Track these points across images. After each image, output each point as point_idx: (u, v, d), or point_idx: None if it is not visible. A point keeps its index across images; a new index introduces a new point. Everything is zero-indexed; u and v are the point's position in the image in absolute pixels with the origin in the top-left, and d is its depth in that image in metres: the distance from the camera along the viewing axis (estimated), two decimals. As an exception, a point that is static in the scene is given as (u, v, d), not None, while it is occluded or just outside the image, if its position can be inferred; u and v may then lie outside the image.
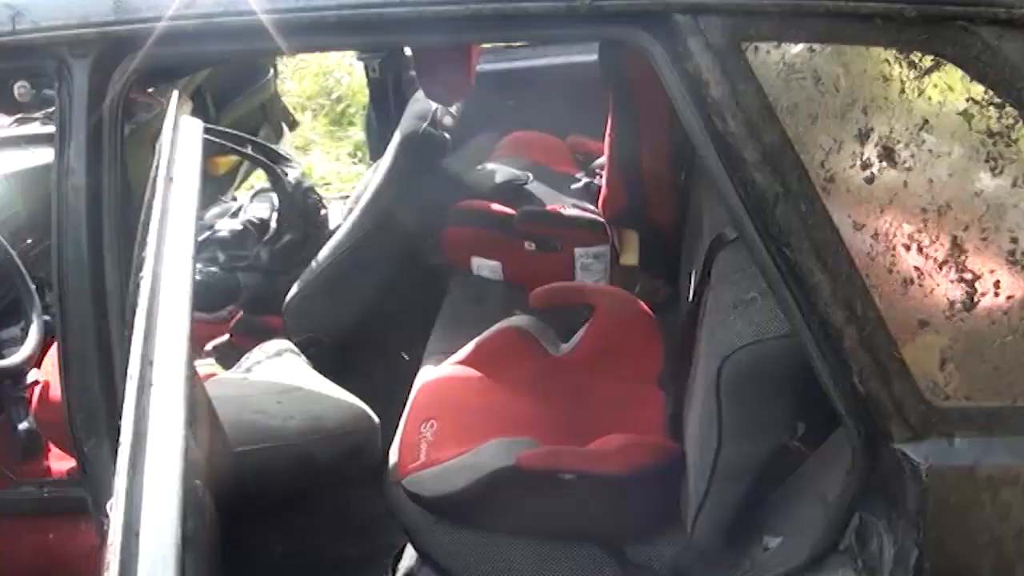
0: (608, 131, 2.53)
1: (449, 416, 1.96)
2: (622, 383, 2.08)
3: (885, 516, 1.26)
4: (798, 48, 1.20)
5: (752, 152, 1.18)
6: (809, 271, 1.20)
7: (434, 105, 2.62)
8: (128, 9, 1.27)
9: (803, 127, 1.20)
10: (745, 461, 1.48)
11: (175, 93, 1.07)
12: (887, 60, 1.20)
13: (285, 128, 3.97)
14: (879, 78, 1.20)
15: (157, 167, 0.99)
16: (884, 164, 1.20)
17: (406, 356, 2.63)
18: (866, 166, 1.20)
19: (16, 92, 2.64)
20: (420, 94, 2.66)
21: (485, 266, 2.70)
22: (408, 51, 3.13)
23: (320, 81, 5.56)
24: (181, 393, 0.62)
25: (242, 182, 3.78)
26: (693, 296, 1.86)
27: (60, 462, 2.22)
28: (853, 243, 1.20)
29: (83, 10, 1.30)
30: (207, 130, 2.48)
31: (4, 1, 1.32)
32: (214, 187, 3.25)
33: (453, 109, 2.76)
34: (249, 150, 2.92)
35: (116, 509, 0.55)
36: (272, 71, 3.91)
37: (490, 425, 1.91)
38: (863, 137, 1.20)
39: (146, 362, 0.64)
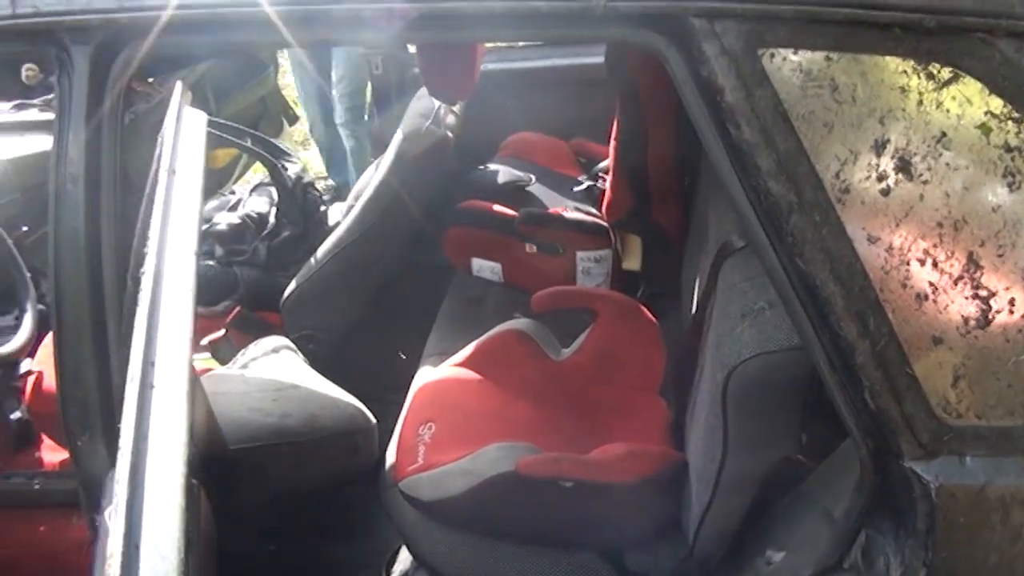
0: (613, 134, 2.51)
1: (447, 419, 1.94)
2: (623, 390, 2.06)
3: (892, 534, 1.24)
4: (815, 56, 1.18)
5: (767, 160, 1.16)
6: (822, 283, 1.17)
7: (437, 103, 2.60)
8: None
9: (819, 136, 1.17)
10: (750, 473, 1.46)
11: (179, 84, 1.04)
12: (905, 71, 1.18)
13: (284, 123, 3.95)
14: (896, 89, 1.18)
15: (159, 159, 0.96)
16: (900, 176, 1.18)
17: (403, 355, 2.61)
18: (882, 178, 1.18)
19: (24, 74, 2.62)
20: (423, 92, 2.64)
21: (485, 267, 2.67)
22: (412, 48, 3.12)
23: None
24: (184, 396, 0.60)
25: (240, 176, 3.75)
26: (697, 304, 1.84)
27: (52, 454, 2.20)
28: (867, 256, 1.18)
29: None
30: (208, 122, 2.49)
31: (4, -15, 1.29)
32: (213, 180, 3.23)
33: (456, 108, 2.73)
34: (249, 143, 2.90)
35: (116, 518, 0.53)
36: (273, 65, 3.89)
37: (489, 429, 1.89)
38: (879, 148, 1.18)
39: (148, 363, 0.62)
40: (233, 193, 2.92)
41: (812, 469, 1.50)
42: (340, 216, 2.83)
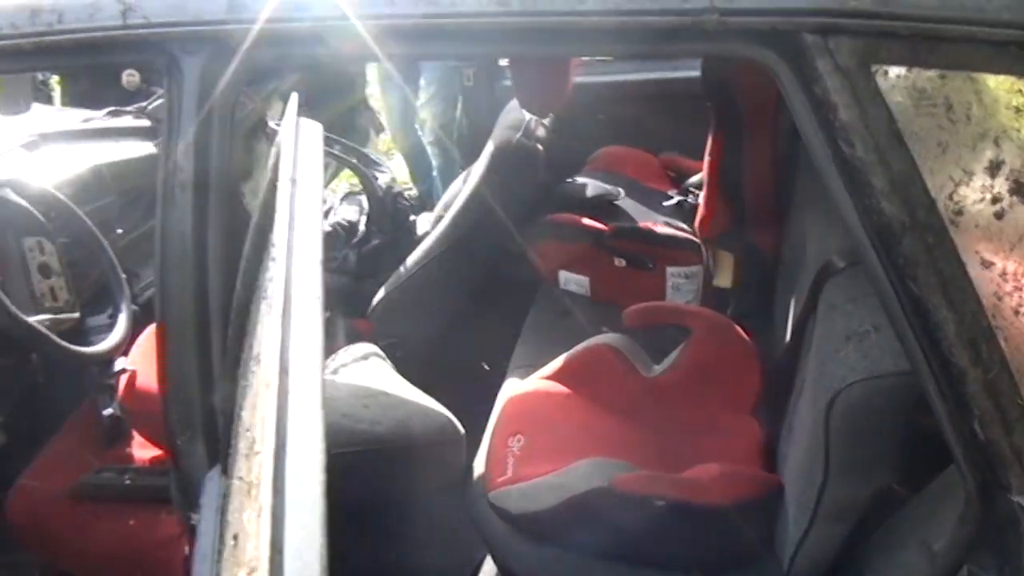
0: (708, 149, 2.48)
1: (537, 432, 1.93)
2: (716, 409, 2.03)
3: (996, 570, 1.20)
4: (929, 73, 1.15)
5: (880, 179, 1.13)
6: (934, 307, 1.14)
7: (528, 116, 2.61)
8: (242, 8, 1.27)
9: (932, 156, 1.14)
10: (851, 500, 1.43)
11: (294, 95, 1.06)
12: (1020, 90, 1.14)
13: (371, 133, 4.00)
14: (1012, 109, 1.15)
15: (278, 168, 0.98)
16: (1015, 199, 1.14)
17: (487, 366, 2.62)
18: (996, 200, 1.14)
19: (124, 79, 2.70)
20: (513, 104, 2.66)
21: (573, 280, 2.67)
22: (504, 60, 3.13)
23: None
24: (319, 404, 0.61)
25: (326, 184, 3.82)
26: (794, 324, 1.81)
27: (143, 450, 2.26)
28: (980, 281, 1.14)
29: (196, 7, 1.30)
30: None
31: (117, -5, 1.33)
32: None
33: (546, 121, 2.74)
34: (339, 152, 2.95)
35: (259, 524, 0.54)
36: (362, 76, 3.96)
37: (580, 444, 1.88)
38: (994, 170, 1.15)
39: (283, 371, 0.63)
40: (324, 201, 2.97)
41: (909, 498, 1.46)
42: (429, 226, 2.86)
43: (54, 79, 4.28)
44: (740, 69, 2.20)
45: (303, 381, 0.63)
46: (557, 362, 2.14)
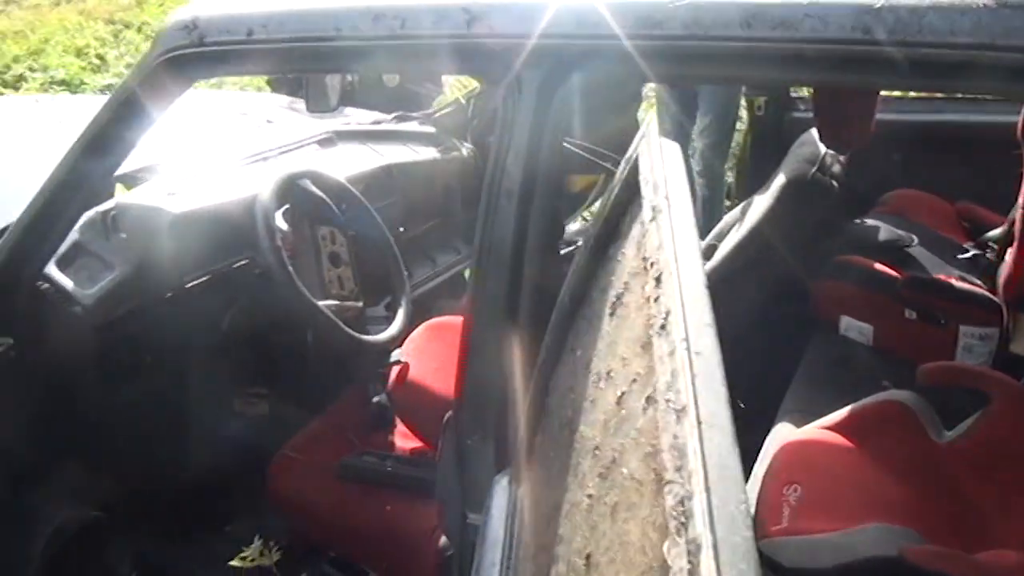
0: (1020, 203, 2.28)
1: (816, 484, 1.82)
2: (1011, 490, 1.84)
3: None
4: None
5: None
6: None
7: (823, 150, 2.49)
8: (590, 24, 1.26)
9: None
10: None
11: (651, 114, 1.02)
12: None
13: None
14: None
15: (634, 189, 0.95)
16: None
17: (742, 404, 2.51)
18: None
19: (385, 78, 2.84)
20: (808, 137, 2.54)
21: (855, 327, 2.52)
22: (798, 91, 3.03)
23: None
24: (731, 430, 0.57)
25: (593, 202, 3.81)
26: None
27: (404, 440, 2.32)
28: None
29: (542, 20, 1.30)
30: (575, 145, 2.54)
31: (462, 4, 1.34)
32: (568, 204, 3.30)
33: (842, 157, 2.61)
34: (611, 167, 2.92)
35: (694, 525, 0.51)
36: (639, 97, 3.93)
37: (863, 504, 1.75)
38: None
39: (692, 399, 0.59)
40: (596, 219, 2.95)
41: None
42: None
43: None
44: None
45: (713, 409, 0.58)
46: (840, 413, 2.01)
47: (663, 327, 0.69)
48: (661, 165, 0.88)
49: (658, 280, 0.74)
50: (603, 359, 0.89)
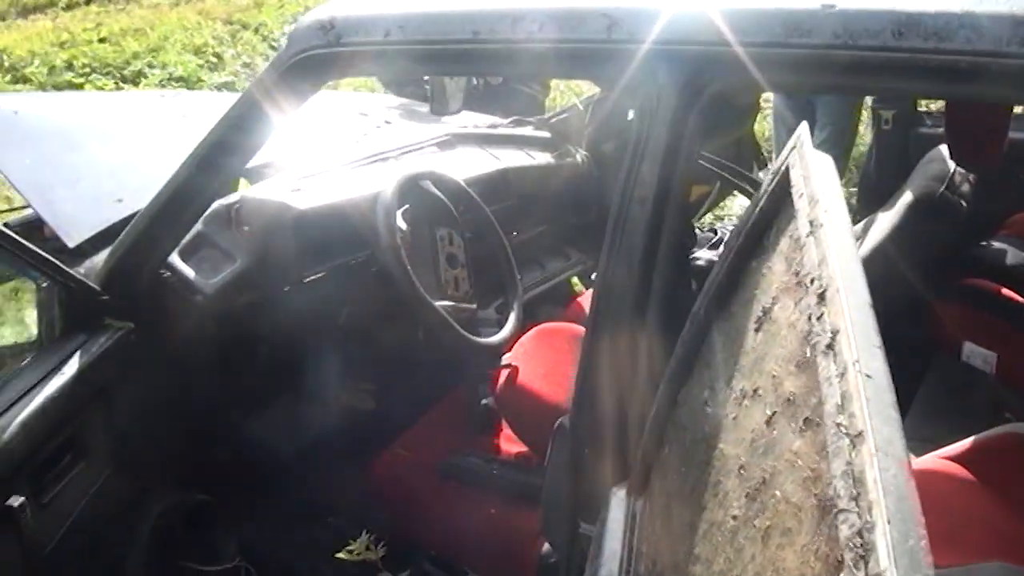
0: None
1: (931, 515, 1.74)
2: None
3: None
4: None
5: None
6: None
7: (952, 167, 2.40)
8: (735, 31, 1.23)
9: None
10: None
11: (803, 124, 0.99)
12: None
13: (754, 167, 3.90)
14: None
15: (783, 201, 0.92)
16: None
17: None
18: None
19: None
20: (937, 153, 2.47)
21: (978, 354, 2.41)
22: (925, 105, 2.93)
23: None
24: (905, 457, 0.54)
25: (706, 212, 3.77)
26: None
27: (509, 444, 2.32)
28: None
29: (685, 27, 1.27)
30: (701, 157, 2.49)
31: (603, 9, 1.33)
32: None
33: (971, 176, 2.51)
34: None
35: (877, 559, 0.49)
36: (756, 108, 3.86)
37: (984, 540, 1.67)
38: None
39: (855, 432, 0.57)
40: (714, 232, 2.92)
41: None
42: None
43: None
44: None
45: (887, 441, 0.56)
46: (961, 444, 1.93)
47: (829, 347, 0.66)
48: (816, 177, 0.86)
49: (821, 297, 0.71)
50: (747, 376, 0.86)
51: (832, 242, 0.77)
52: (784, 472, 0.69)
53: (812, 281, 0.74)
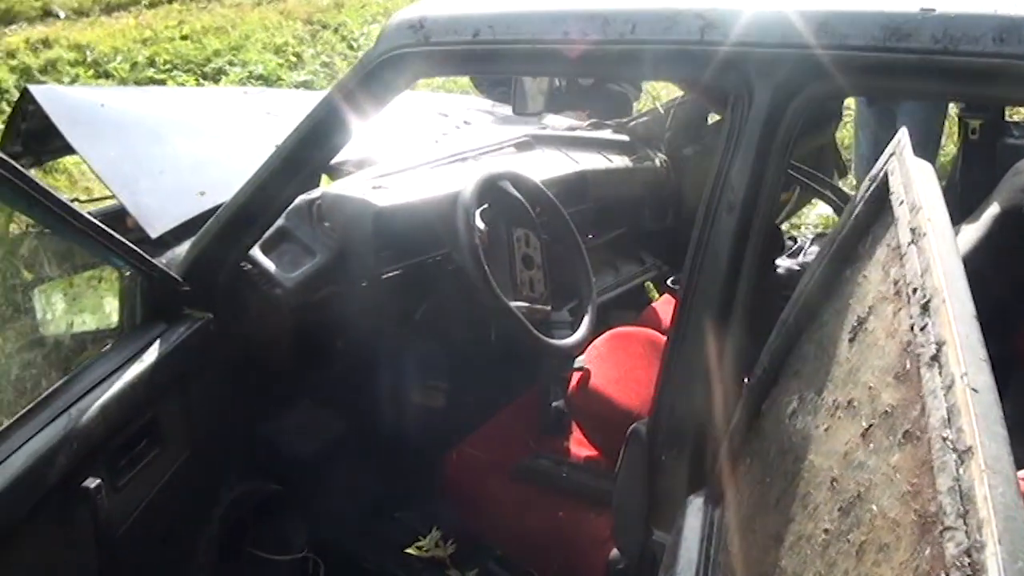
0: None
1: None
2: None
3: None
4: None
5: None
6: None
7: (1046, 178, 2.33)
8: (830, 34, 1.20)
9: None
10: None
11: (903, 130, 0.97)
12: None
13: (835, 174, 3.83)
14: None
15: (880, 208, 0.90)
16: None
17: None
18: None
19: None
20: (1025, 165, 2.39)
21: (1066, 374, 2.34)
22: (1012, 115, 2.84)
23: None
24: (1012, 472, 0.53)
25: (786, 219, 3.72)
26: None
27: (579, 447, 2.30)
28: None
29: (780, 29, 1.25)
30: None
31: (696, 11, 1.32)
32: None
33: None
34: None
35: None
36: (839, 115, 3.79)
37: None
38: None
39: (961, 448, 0.55)
40: (793, 240, 2.87)
41: None
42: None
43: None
44: None
45: (998, 459, 0.54)
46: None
47: (934, 359, 0.64)
48: (918, 184, 0.83)
49: (925, 308, 0.69)
50: (841, 387, 0.85)
51: (936, 251, 0.75)
52: (881, 486, 0.68)
53: (914, 291, 0.72)
